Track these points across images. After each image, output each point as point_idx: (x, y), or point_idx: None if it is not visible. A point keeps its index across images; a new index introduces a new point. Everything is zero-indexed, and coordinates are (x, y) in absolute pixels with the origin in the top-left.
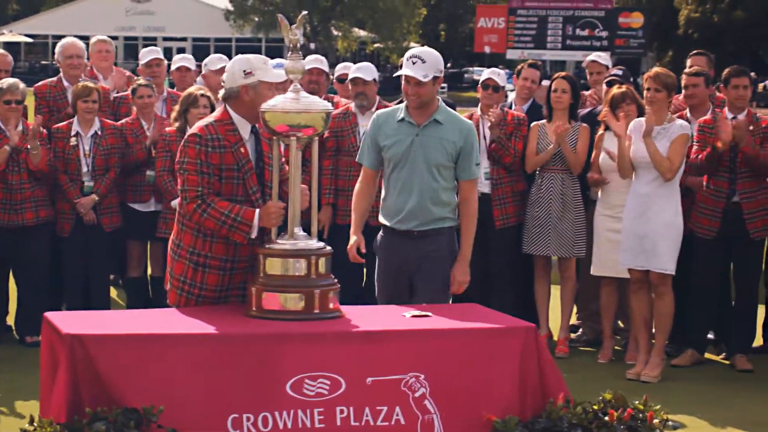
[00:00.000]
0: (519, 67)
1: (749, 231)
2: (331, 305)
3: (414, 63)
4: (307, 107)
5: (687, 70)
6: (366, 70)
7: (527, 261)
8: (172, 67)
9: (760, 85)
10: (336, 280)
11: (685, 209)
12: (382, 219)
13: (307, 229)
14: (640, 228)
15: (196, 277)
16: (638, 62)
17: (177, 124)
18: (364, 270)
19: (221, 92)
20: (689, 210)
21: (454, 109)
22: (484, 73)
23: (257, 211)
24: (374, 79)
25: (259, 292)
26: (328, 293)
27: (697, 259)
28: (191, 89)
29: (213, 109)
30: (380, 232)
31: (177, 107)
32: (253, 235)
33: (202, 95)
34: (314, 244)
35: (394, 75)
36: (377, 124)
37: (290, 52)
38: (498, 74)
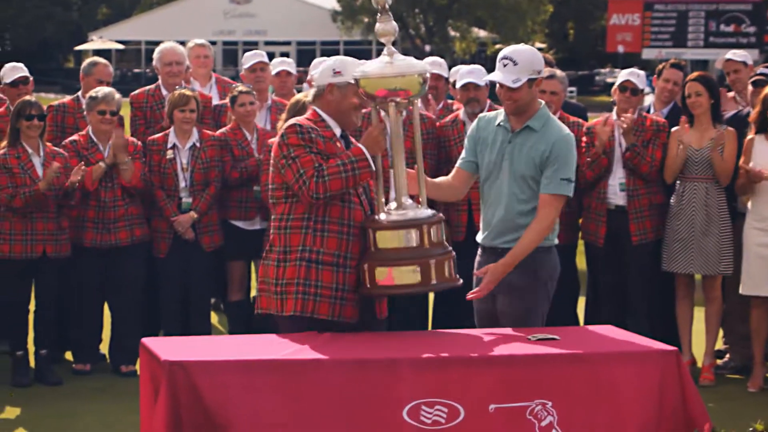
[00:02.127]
0: (660, 66)
1: None
2: (447, 274)
3: (505, 65)
4: (402, 71)
5: None
6: (478, 74)
7: (668, 280)
8: (272, 72)
9: None
10: (451, 249)
11: None
12: (479, 238)
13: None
14: None
15: (311, 276)
16: None
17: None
18: None
19: (311, 91)
20: None
21: (585, 114)
22: (622, 74)
23: (359, 144)
24: (487, 84)
25: (372, 268)
26: (443, 262)
27: None
28: (183, 90)
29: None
30: (479, 253)
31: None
32: (373, 166)
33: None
34: (424, 212)
35: (483, 79)
36: (478, 127)
37: (379, 14)
38: (637, 75)
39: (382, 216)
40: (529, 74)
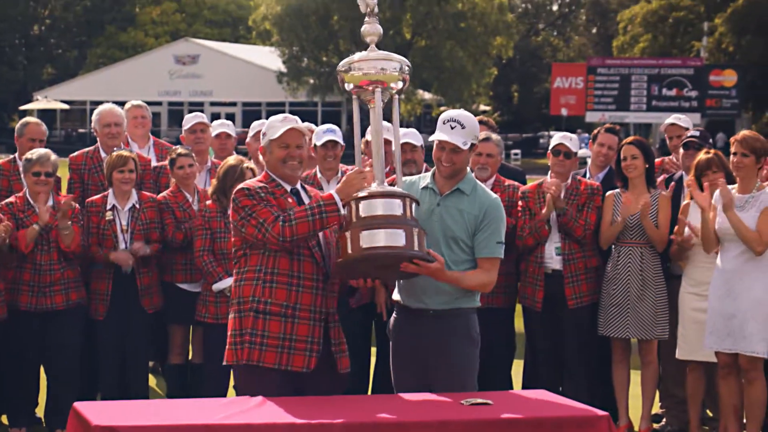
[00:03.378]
0: (595, 131)
1: None
2: (426, 248)
3: (453, 128)
4: (383, 65)
5: None
6: (413, 135)
7: (604, 344)
8: (212, 134)
9: None
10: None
11: None
12: (396, 296)
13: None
14: (728, 307)
15: (257, 326)
16: (732, 124)
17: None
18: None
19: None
20: None
21: (523, 178)
22: (555, 138)
23: (333, 192)
24: (422, 145)
25: (356, 234)
26: (423, 236)
27: None
28: (122, 151)
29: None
30: (394, 312)
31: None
32: (343, 211)
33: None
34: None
35: (430, 139)
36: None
37: (367, 17)
38: (570, 139)
39: (363, 192)
40: (472, 139)
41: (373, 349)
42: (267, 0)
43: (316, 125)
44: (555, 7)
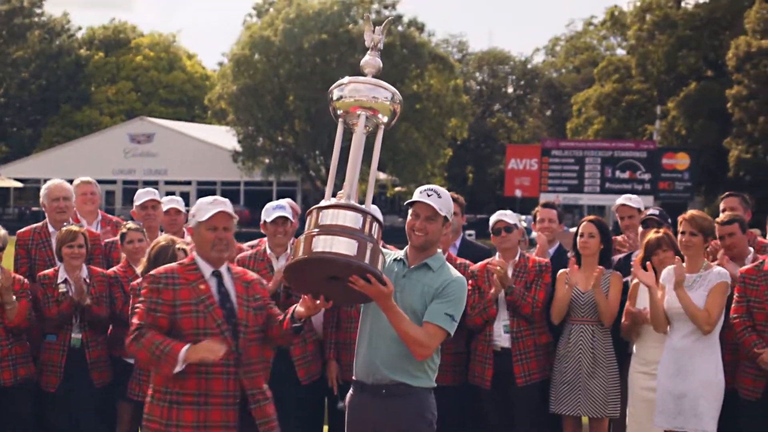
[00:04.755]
0: (534, 211)
1: None
2: (379, 267)
3: (429, 195)
4: (376, 94)
5: (719, 219)
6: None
7: (555, 422)
8: (163, 209)
9: None
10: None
11: (727, 364)
12: (354, 373)
13: None
14: (678, 386)
15: (172, 415)
16: (684, 207)
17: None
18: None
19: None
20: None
21: (488, 255)
22: (491, 219)
23: (186, 345)
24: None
25: (310, 238)
26: (378, 257)
27: (743, 421)
28: (71, 226)
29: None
30: (351, 389)
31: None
32: (178, 368)
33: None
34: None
35: (405, 203)
36: None
37: (370, 49)
38: (505, 214)
39: (327, 202)
40: (446, 212)
41: (326, 428)
42: (223, 79)
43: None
44: (510, 90)
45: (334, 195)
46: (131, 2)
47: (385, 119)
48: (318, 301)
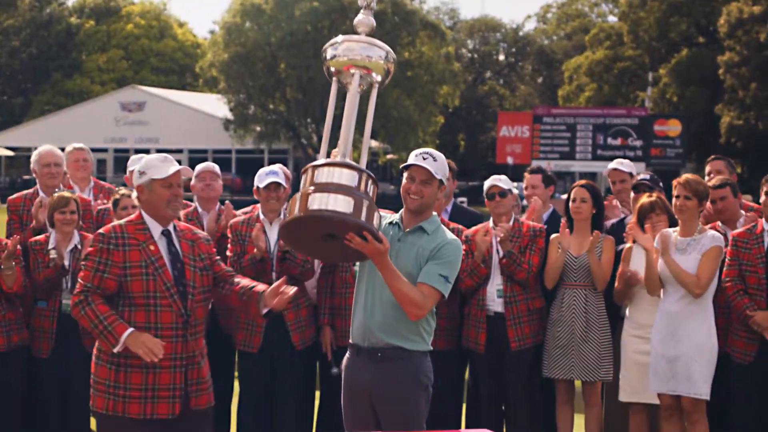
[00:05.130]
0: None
1: None
2: (375, 224)
3: (425, 159)
4: (370, 53)
5: (710, 182)
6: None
7: (548, 386)
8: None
9: None
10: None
11: (720, 328)
12: (351, 337)
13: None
14: (671, 350)
15: (119, 378)
16: (676, 173)
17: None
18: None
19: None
20: (725, 329)
21: (479, 220)
22: (486, 184)
23: (130, 330)
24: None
25: (305, 196)
26: (373, 214)
27: (736, 384)
28: (63, 192)
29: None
30: (347, 352)
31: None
32: (117, 349)
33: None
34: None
35: (401, 166)
36: None
37: (363, 8)
38: (499, 179)
39: (321, 161)
40: (442, 175)
41: (317, 393)
42: (214, 47)
43: None
44: (501, 57)
45: (328, 155)
46: None
47: (379, 78)
48: (287, 295)
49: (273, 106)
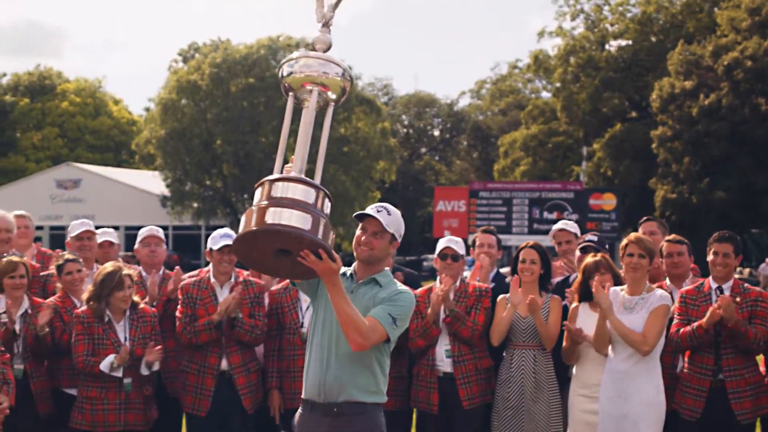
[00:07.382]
0: (473, 238)
1: (735, 413)
2: (329, 243)
3: (379, 212)
4: (327, 70)
5: (669, 237)
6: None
7: None
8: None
9: (746, 271)
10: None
11: (668, 386)
12: (303, 392)
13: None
14: (619, 408)
15: None
16: (612, 247)
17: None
18: None
19: None
20: (672, 388)
21: (419, 282)
22: (441, 243)
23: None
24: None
25: (263, 210)
26: (329, 233)
27: None
28: (12, 257)
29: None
30: (300, 408)
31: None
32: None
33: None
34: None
35: (354, 216)
36: (320, 284)
37: (321, 26)
38: (456, 242)
39: (277, 175)
40: (394, 230)
41: None
42: (150, 123)
43: (201, 250)
44: (436, 133)
45: (281, 171)
46: (60, 49)
47: (335, 96)
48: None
49: (210, 182)
